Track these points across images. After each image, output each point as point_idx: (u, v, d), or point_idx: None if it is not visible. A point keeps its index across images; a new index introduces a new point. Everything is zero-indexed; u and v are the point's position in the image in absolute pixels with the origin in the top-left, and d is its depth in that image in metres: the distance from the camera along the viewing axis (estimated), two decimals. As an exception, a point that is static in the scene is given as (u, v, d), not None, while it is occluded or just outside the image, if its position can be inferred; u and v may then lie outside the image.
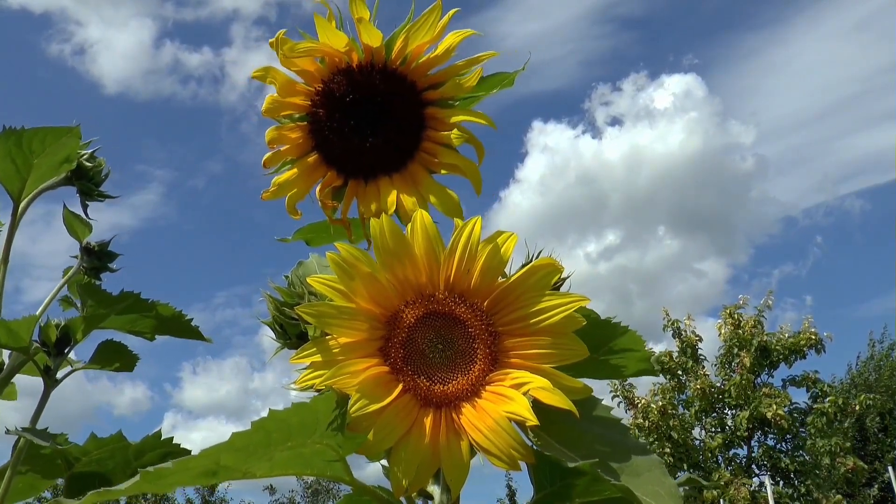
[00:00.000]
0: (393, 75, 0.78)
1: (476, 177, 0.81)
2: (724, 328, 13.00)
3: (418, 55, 0.77)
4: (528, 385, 0.63)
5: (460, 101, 0.81)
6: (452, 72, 0.78)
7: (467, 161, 0.81)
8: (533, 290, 0.65)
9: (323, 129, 0.80)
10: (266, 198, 0.82)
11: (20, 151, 1.26)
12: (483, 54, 0.77)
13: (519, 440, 0.61)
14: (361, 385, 0.63)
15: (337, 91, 0.78)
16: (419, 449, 0.63)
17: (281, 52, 0.74)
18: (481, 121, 0.79)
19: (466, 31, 0.77)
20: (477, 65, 0.77)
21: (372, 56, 0.77)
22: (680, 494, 0.60)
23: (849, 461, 11.98)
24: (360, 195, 0.83)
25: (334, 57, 0.76)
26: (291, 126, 0.80)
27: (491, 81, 0.83)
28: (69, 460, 1.29)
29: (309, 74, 0.78)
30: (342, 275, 0.64)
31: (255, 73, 0.77)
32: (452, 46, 0.76)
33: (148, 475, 0.59)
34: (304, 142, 0.81)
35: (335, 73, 0.78)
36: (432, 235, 0.65)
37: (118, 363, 1.44)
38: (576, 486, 0.67)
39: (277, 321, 0.74)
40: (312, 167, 0.82)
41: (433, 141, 0.81)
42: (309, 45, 0.75)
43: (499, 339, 0.66)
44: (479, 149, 0.81)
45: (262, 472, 0.66)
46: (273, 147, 0.80)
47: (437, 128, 0.81)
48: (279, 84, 0.77)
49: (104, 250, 1.48)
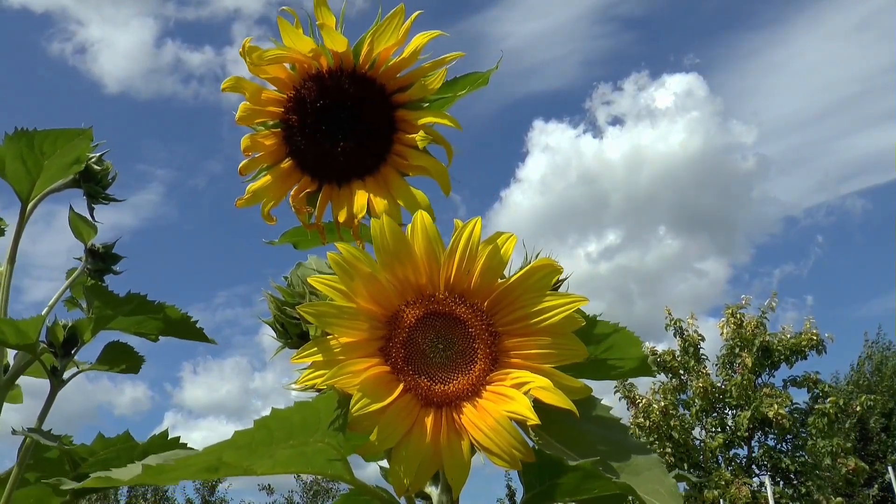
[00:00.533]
0: (362, 79, 0.79)
1: (443, 178, 0.81)
2: (727, 328, 13.00)
3: (386, 59, 0.78)
4: (528, 385, 0.63)
5: (432, 102, 0.82)
6: (419, 73, 0.79)
7: (435, 162, 0.81)
8: (533, 290, 0.66)
9: (296, 136, 0.81)
10: (240, 205, 0.83)
11: (31, 153, 1.27)
12: (448, 55, 0.78)
13: (520, 439, 0.62)
14: (363, 385, 0.64)
15: (308, 97, 0.79)
16: (420, 448, 0.64)
17: (249, 60, 0.75)
18: (446, 122, 0.79)
19: (432, 32, 0.77)
20: (441, 66, 0.78)
21: (341, 61, 0.78)
22: (680, 493, 0.61)
23: (850, 462, 11.97)
24: (334, 200, 0.84)
25: (304, 63, 0.77)
26: (266, 133, 0.81)
27: (464, 81, 0.83)
28: (75, 460, 1.30)
29: (281, 82, 0.78)
30: (343, 275, 0.64)
31: (224, 84, 0.78)
32: (419, 48, 0.77)
33: (150, 469, 0.59)
34: (278, 148, 0.82)
35: (306, 79, 0.78)
36: (432, 236, 0.65)
37: (124, 364, 1.45)
38: (566, 484, 0.68)
39: (278, 321, 0.74)
40: (287, 173, 0.83)
41: (403, 143, 0.82)
42: (276, 53, 0.75)
43: (499, 339, 0.67)
44: (448, 150, 0.82)
45: (263, 469, 0.66)
46: (248, 154, 0.81)
47: (406, 130, 0.81)
48: (249, 93, 0.78)
49: (109, 252, 1.49)
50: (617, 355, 0.82)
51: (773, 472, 12.32)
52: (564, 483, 0.66)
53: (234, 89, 0.77)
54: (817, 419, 12.06)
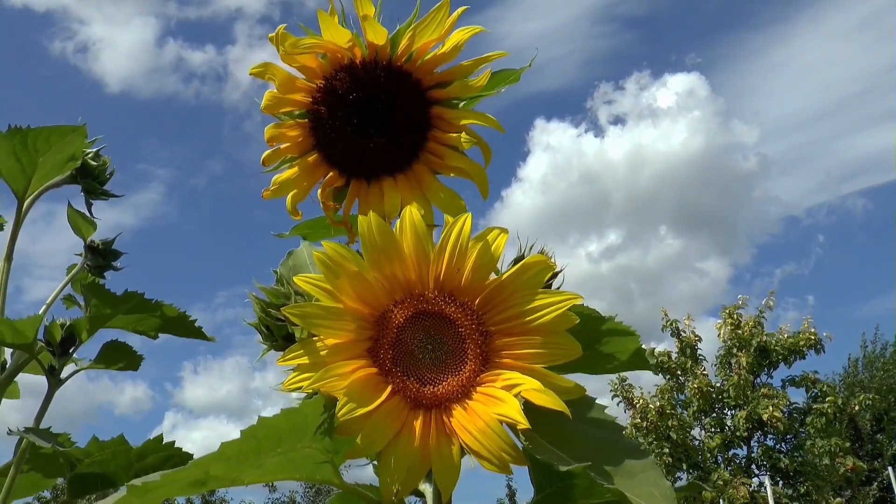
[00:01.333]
0: (398, 73, 0.75)
1: (483, 180, 0.78)
2: (724, 328, 13.00)
3: (424, 52, 0.75)
4: (519, 387, 0.62)
5: (465, 100, 0.79)
6: (459, 71, 0.75)
7: (474, 164, 0.78)
8: (525, 288, 0.64)
9: (324, 128, 0.77)
10: (267, 196, 0.79)
11: (25, 150, 1.26)
12: (493, 54, 0.75)
13: (510, 443, 0.60)
14: (349, 388, 0.62)
15: (339, 88, 0.75)
16: (409, 452, 0.62)
17: (282, 47, 0.72)
18: (489, 124, 0.77)
19: (474, 27, 0.74)
20: (486, 64, 0.75)
21: (376, 53, 0.75)
22: (674, 496, 0.59)
23: (848, 461, 11.98)
24: (362, 196, 0.81)
25: (337, 53, 0.74)
26: (291, 123, 0.78)
27: (496, 79, 0.80)
28: (71, 461, 1.29)
29: (310, 71, 0.75)
30: (328, 273, 0.62)
31: (253, 69, 0.74)
32: (460, 44, 0.74)
33: (135, 489, 0.58)
34: (305, 140, 0.79)
35: (338, 69, 0.75)
36: (422, 233, 0.63)
37: (123, 363, 1.44)
38: (577, 486, 0.66)
39: (264, 323, 0.73)
40: (313, 166, 0.80)
41: (439, 142, 0.79)
42: (312, 41, 0.72)
43: (490, 339, 0.65)
44: (487, 151, 0.79)
45: (251, 479, 0.65)
46: (272, 145, 0.78)
47: (443, 128, 0.78)
48: (279, 80, 0.74)
49: (109, 249, 1.48)
50: (612, 348, 0.80)
51: (771, 472, 12.32)
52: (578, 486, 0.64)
53: (262, 75, 0.74)
54: (816, 419, 12.06)
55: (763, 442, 12.65)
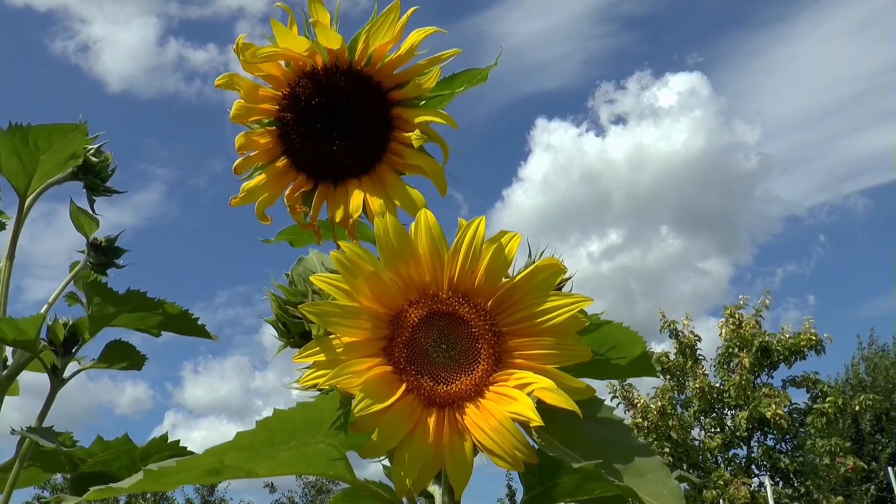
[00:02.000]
0: (358, 76, 0.78)
1: (440, 177, 0.80)
2: (725, 328, 13.00)
3: (382, 55, 0.77)
4: (532, 385, 0.63)
5: (429, 100, 0.81)
6: (415, 71, 0.78)
7: (431, 161, 0.80)
8: (537, 290, 0.65)
9: (291, 134, 0.79)
10: (235, 204, 0.81)
11: (26, 148, 1.27)
12: (445, 53, 0.77)
13: (523, 440, 0.61)
14: (365, 385, 0.63)
15: (302, 94, 0.77)
16: (422, 449, 0.63)
17: (242, 57, 0.74)
18: (441, 120, 0.78)
19: (429, 28, 0.76)
20: (437, 63, 0.77)
21: (336, 58, 0.77)
22: (683, 495, 0.61)
23: (848, 461, 11.98)
24: (330, 199, 0.82)
25: (299, 60, 0.76)
26: (261, 131, 0.80)
27: (463, 78, 0.82)
28: (75, 461, 1.30)
29: (275, 79, 0.77)
30: (346, 273, 0.64)
31: (218, 81, 0.76)
32: (415, 45, 0.76)
33: (151, 473, 0.59)
34: (274, 147, 0.81)
35: (300, 76, 0.77)
36: (436, 235, 0.65)
37: (126, 362, 1.44)
38: (565, 484, 0.67)
39: (280, 319, 0.74)
40: (282, 172, 0.82)
41: (399, 142, 0.81)
42: (269, 50, 0.74)
43: (502, 340, 0.66)
44: (444, 148, 0.80)
45: (264, 471, 0.66)
46: (243, 153, 0.80)
47: (403, 128, 0.80)
48: (244, 90, 0.77)
49: (111, 246, 1.48)
50: (619, 354, 0.82)
51: (772, 472, 12.32)
52: (564, 484, 0.65)
53: (229, 86, 0.76)
54: (816, 419, 12.07)
55: (763, 442, 12.66)
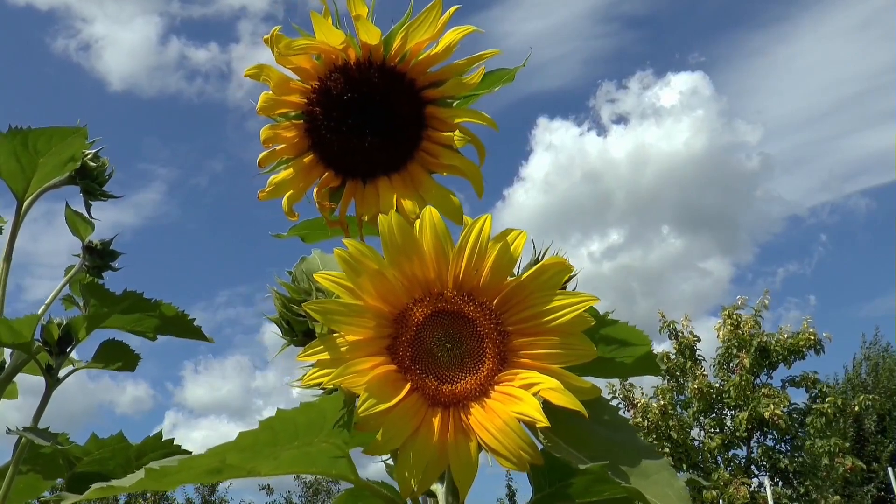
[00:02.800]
0: (392, 73, 0.76)
1: (478, 178, 0.79)
2: (723, 329, 13.00)
3: (417, 52, 0.76)
4: (537, 385, 0.62)
5: (459, 99, 0.79)
6: (453, 70, 0.76)
7: (468, 162, 0.79)
8: (543, 289, 0.65)
9: (320, 128, 0.78)
10: (263, 197, 0.80)
11: (25, 151, 1.26)
12: (486, 52, 0.75)
13: (528, 441, 0.61)
14: (369, 384, 0.63)
15: (334, 89, 0.76)
16: (427, 449, 0.63)
17: (276, 49, 0.73)
18: (483, 122, 0.77)
19: (467, 27, 0.75)
20: (479, 62, 0.75)
21: (370, 53, 0.75)
22: (688, 496, 0.60)
23: (847, 461, 11.99)
24: (358, 196, 0.81)
25: (331, 54, 0.75)
26: (287, 125, 0.79)
27: (491, 78, 0.81)
28: (70, 460, 1.30)
29: (305, 72, 0.76)
30: (349, 271, 0.63)
31: (247, 71, 0.75)
32: (453, 43, 0.75)
33: (152, 472, 0.58)
34: (300, 141, 0.79)
35: (332, 70, 0.76)
36: (441, 232, 0.64)
37: (120, 362, 1.44)
38: (575, 486, 0.67)
39: (284, 318, 0.73)
40: (309, 167, 0.80)
41: (433, 141, 0.79)
42: (305, 43, 0.73)
43: (508, 339, 0.66)
44: (481, 150, 0.79)
45: (267, 470, 0.66)
46: (268, 146, 0.79)
47: (437, 127, 0.79)
48: (274, 82, 0.75)
49: (107, 249, 1.48)
50: (624, 353, 0.81)
51: (771, 473, 12.33)
52: (574, 485, 0.65)
53: (257, 77, 0.75)
54: (815, 419, 12.08)
55: (763, 442, 12.67)
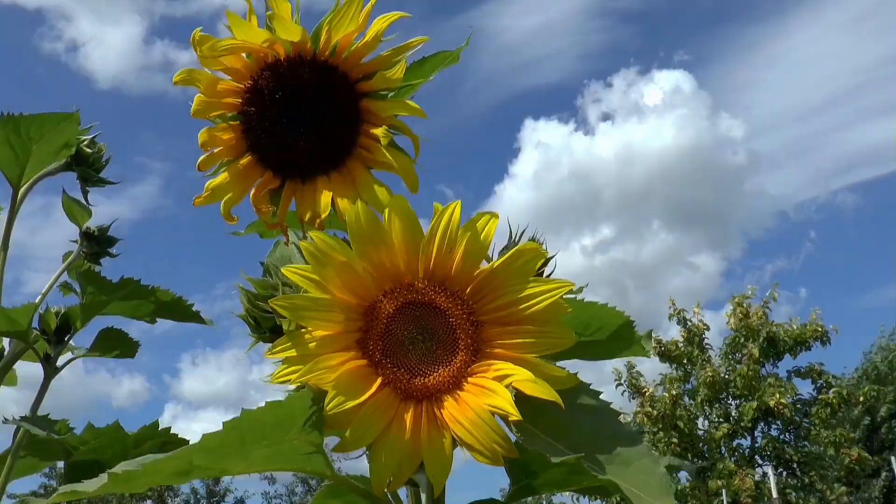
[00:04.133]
0: (322, 67, 0.74)
1: (409, 173, 0.75)
2: (733, 318, 12.97)
3: (347, 45, 0.73)
4: (511, 377, 0.60)
5: (399, 89, 0.77)
6: (381, 62, 0.74)
7: (400, 157, 0.76)
8: (516, 276, 0.63)
9: (255, 128, 0.76)
10: (199, 203, 0.77)
11: (18, 137, 1.25)
12: (412, 41, 0.73)
13: (501, 434, 0.59)
14: (338, 380, 0.61)
15: (265, 87, 0.74)
16: (399, 445, 0.61)
17: (199, 51, 0.70)
18: (409, 112, 0.74)
19: (393, 14, 0.72)
20: (403, 53, 0.73)
21: (299, 49, 0.73)
22: (670, 483, 0.58)
23: (853, 452, 11.96)
24: (298, 196, 0.78)
25: (259, 52, 0.72)
26: (224, 126, 0.76)
27: (431, 62, 0.78)
28: (68, 449, 1.29)
29: (237, 72, 0.74)
30: (316, 264, 0.61)
31: (176, 78, 0.73)
32: (380, 32, 0.72)
33: (116, 476, 0.57)
34: (238, 143, 0.77)
35: (263, 68, 0.73)
36: (410, 221, 0.62)
37: (118, 350, 1.44)
38: (552, 476, 0.65)
39: (251, 314, 0.71)
40: (247, 169, 0.78)
41: (369, 136, 0.77)
42: (227, 44, 0.70)
43: (481, 329, 0.63)
44: (415, 141, 0.76)
45: (238, 469, 0.64)
46: (207, 150, 0.76)
47: (372, 122, 0.76)
48: (204, 85, 0.73)
49: (104, 235, 1.47)
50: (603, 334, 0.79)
51: (776, 463, 12.30)
52: (550, 475, 0.63)
53: (188, 82, 0.72)
54: (821, 409, 12.04)
55: (768, 432, 12.64)
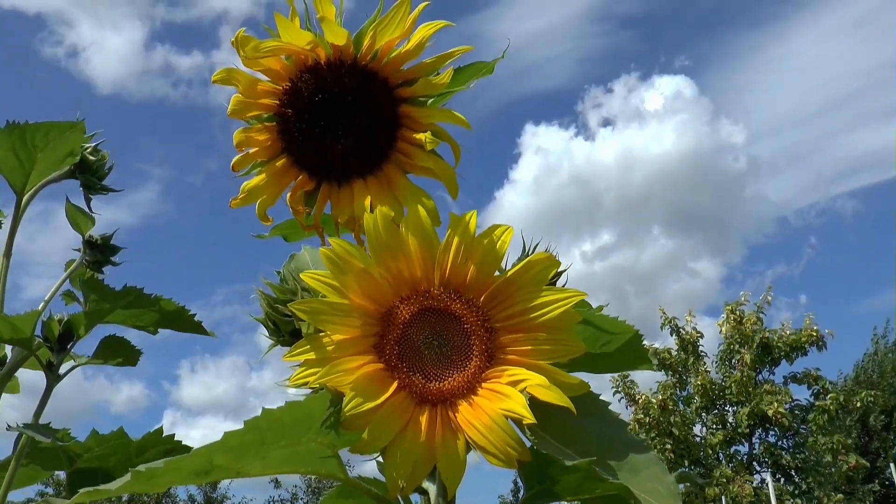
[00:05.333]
0: (363, 72, 0.75)
1: (451, 180, 0.77)
2: (726, 325, 12.99)
3: (389, 50, 0.74)
4: (525, 382, 0.62)
5: (434, 98, 0.78)
6: (423, 68, 0.75)
7: (442, 163, 0.77)
8: (530, 285, 0.64)
9: (292, 130, 0.76)
10: (235, 205, 0.78)
11: (24, 146, 1.26)
12: (456, 49, 0.74)
13: (516, 438, 0.61)
14: (356, 383, 0.62)
15: (305, 90, 0.74)
16: (415, 447, 0.62)
17: (242, 52, 0.71)
18: (456, 122, 0.75)
19: (438, 22, 0.73)
20: (450, 60, 0.74)
21: (340, 53, 0.74)
22: (679, 492, 0.60)
23: (850, 459, 11.97)
24: (334, 199, 0.80)
25: (300, 55, 0.73)
26: (259, 127, 0.77)
27: (468, 72, 0.79)
28: (71, 457, 1.30)
29: (275, 73, 0.74)
30: (335, 270, 0.63)
31: (215, 76, 0.74)
32: (424, 39, 0.73)
33: (139, 475, 0.58)
34: (273, 144, 0.78)
35: (302, 71, 0.74)
36: (427, 230, 0.64)
37: (121, 358, 1.44)
38: (566, 483, 0.66)
39: (270, 318, 0.73)
40: (283, 170, 0.79)
41: (408, 141, 0.78)
42: (271, 45, 0.71)
43: (495, 336, 0.65)
44: (456, 150, 0.77)
45: (255, 470, 0.65)
46: (241, 150, 0.77)
47: (411, 127, 0.77)
48: (243, 85, 0.74)
49: (107, 244, 1.48)
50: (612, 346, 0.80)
51: (773, 469, 12.32)
52: (565, 482, 0.64)
53: (226, 81, 0.74)
54: (818, 416, 12.06)
55: (765, 439, 12.66)
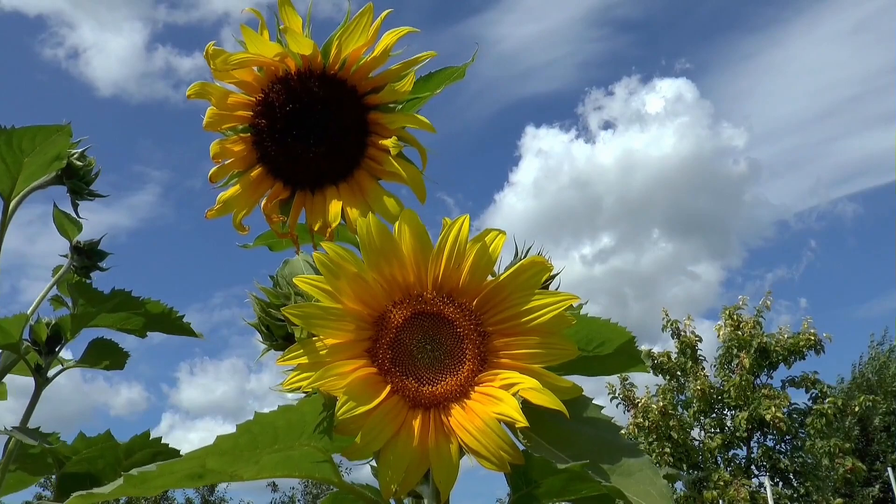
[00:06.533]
0: (332, 81, 0.76)
1: (418, 184, 0.78)
2: (724, 329, 13.00)
3: (356, 59, 0.75)
4: (517, 386, 0.62)
5: (405, 102, 0.79)
6: (389, 75, 0.76)
7: (410, 167, 0.78)
8: (522, 289, 0.65)
9: (265, 140, 0.78)
10: (211, 216, 0.79)
11: (10, 150, 1.26)
12: (420, 56, 0.75)
13: (508, 441, 0.61)
14: (349, 387, 0.62)
15: (276, 100, 0.76)
16: (408, 451, 0.62)
17: (213, 64, 0.72)
18: (418, 125, 0.76)
19: (402, 29, 0.74)
20: (411, 67, 0.75)
21: (309, 63, 0.75)
22: (671, 495, 0.60)
23: (848, 462, 11.97)
24: (308, 206, 0.81)
25: (271, 66, 0.75)
26: (235, 138, 0.78)
27: (440, 77, 0.80)
28: (59, 459, 1.30)
29: (248, 85, 0.76)
30: (328, 275, 0.63)
31: (189, 91, 0.75)
32: (389, 47, 0.74)
33: (132, 479, 0.58)
34: (249, 154, 0.79)
35: (274, 81, 0.76)
36: (420, 234, 0.64)
37: (108, 360, 1.45)
38: (552, 485, 0.66)
39: (264, 322, 0.73)
40: (258, 180, 0.80)
41: (378, 147, 0.79)
42: (239, 57, 0.73)
43: (488, 339, 0.65)
44: (422, 153, 0.78)
45: (248, 475, 0.65)
46: (218, 161, 0.78)
47: (380, 133, 0.78)
48: (216, 98, 0.75)
49: (94, 249, 1.48)
50: (606, 350, 0.81)
51: (771, 473, 12.31)
52: (550, 484, 0.64)
53: (200, 95, 0.74)
54: (815, 420, 12.07)
55: (763, 442, 12.65)
